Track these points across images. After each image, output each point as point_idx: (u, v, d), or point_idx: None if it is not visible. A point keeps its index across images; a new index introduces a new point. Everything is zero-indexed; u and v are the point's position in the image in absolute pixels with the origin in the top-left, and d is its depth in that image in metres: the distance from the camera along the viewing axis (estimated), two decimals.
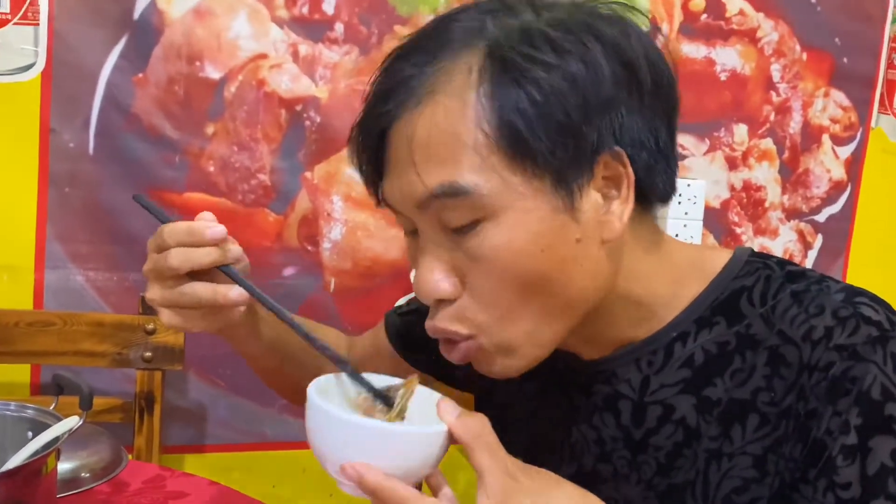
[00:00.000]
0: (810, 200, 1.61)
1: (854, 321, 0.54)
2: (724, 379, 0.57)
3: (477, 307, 0.55)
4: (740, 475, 0.56)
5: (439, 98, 0.53)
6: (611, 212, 0.55)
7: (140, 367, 1.17)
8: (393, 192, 0.56)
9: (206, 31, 1.27)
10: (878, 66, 1.60)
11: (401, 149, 0.54)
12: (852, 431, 0.52)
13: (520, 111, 0.52)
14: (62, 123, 1.23)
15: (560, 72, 0.52)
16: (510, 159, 0.52)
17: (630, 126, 0.54)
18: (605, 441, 0.63)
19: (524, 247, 0.53)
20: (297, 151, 1.33)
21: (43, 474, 0.70)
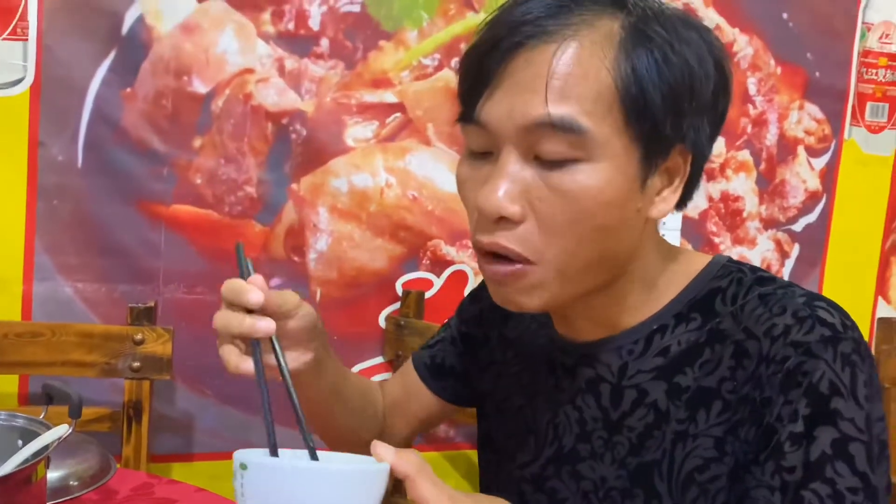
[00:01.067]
0: (787, 210, 1.65)
1: (811, 321, 0.59)
2: (693, 368, 0.63)
3: (541, 236, 0.59)
4: (702, 455, 0.61)
5: (582, 42, 0.58)
6: (663, 197, 0.62)
7: (128, 377, 1.19)
8: (499, 109, 0.58)
9: (194, 46, 1.29)
10: (848, 79, 1.64)
11: (529, 73, 0.57)
12: (800, 420, 0.57)
13: (650, 78, 0.58)
14: (51, 137, 1.25)
15: (684, 59, 0.59)
16: (626, 118, 0.58)
17: (704, 133, 0.62)
18: (587, 421, 0.68)
19: (606, 196, 0.59)
20: (284, 164, 1.36)
21: (33, 482, 0.71)
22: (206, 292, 1.33)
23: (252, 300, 0.63)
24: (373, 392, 0.87)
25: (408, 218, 1.41)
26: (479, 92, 0.60)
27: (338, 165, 1.38)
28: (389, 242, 1.42)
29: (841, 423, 0.57)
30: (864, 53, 1.63)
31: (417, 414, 0.87)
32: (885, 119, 1.67)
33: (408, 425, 0.88)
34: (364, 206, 1.39)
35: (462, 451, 1.50)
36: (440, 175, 1.42)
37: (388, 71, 1.38)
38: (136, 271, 1.30)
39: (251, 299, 0.63)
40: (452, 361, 0.86)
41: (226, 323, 0.64)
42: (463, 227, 1.43)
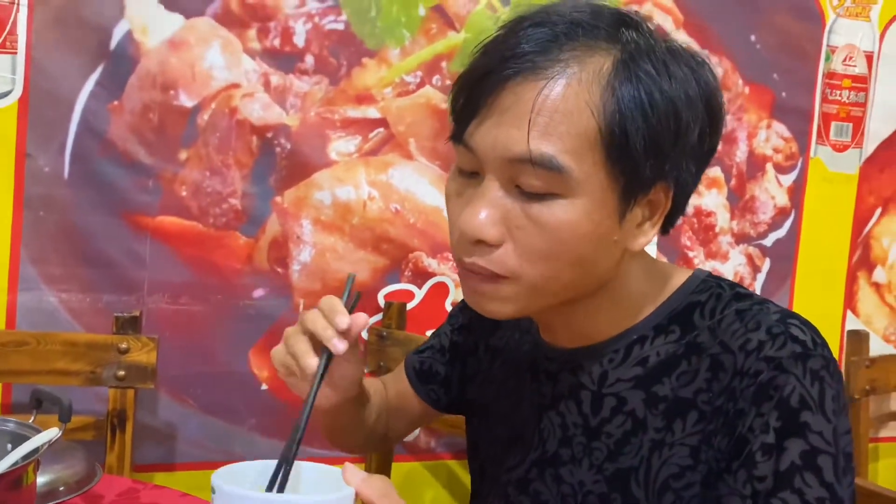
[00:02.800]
0: (757, 226, 1.70)
1: (783, 338, 0.61)
2: (671, 379, 0.65)
3: (518, 259, 0.61)
4: (678, 463, 0.64)
5: (570, 80, 0.59)
6: (642, 230, 0.64)
7: (113, 386, 1.19)
8: (485, 138, 0.61)
9: (181, 61, 1.32)
10: (813, 100, 1.70)
11: (515, 105, 0.59)
12: (771, 432, 0.59)
13: (633, 121, 0.59)
14: (38, 148, 1.26)
15: (671, 103, 0.60)
16: (606, 158, 0.59)
17: (688, 171, 0.63)
18: (569, 426, 0.70)
19: (582, 231, 0.61)
20: (268, 177, 1.38)
21: (23, 485, 0.72)
22: (191, 303, 1.35)
23: (341, 324, 0.66)
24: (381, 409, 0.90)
25: (390, 230, 1.44)
26: (468, 117, 0.62)
27: (321, 179, 1.41)
28: (372, 254, 1.44)
29: (810, 435, 0.59)
30: (829, 75, 1.70)
31: (411, 414, 0.91)
32: (849, 138, 1.73)
33: (404, 425, 0.93)
34: (347, 218, 1.42)
35: (442, 460, 1.51)
36: (422, 189, 1.45)
37: (371, 87, 1.42)
38: (121, 282, 1.31)
39: (340, 322, 0.66)
40: (438, 368, 0.89)
41: (314, 319, 0.67)
42: (444, 240, 1.46)
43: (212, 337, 1.37)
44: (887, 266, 1.81)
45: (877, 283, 1.80)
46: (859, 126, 1.73)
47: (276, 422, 1.40)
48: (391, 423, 0.91)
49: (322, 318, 0.67)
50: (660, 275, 0.69)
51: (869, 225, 1.79)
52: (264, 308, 1.39)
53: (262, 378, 1.40)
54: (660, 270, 0.70)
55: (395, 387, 0.93)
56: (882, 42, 1.72)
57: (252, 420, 1.40)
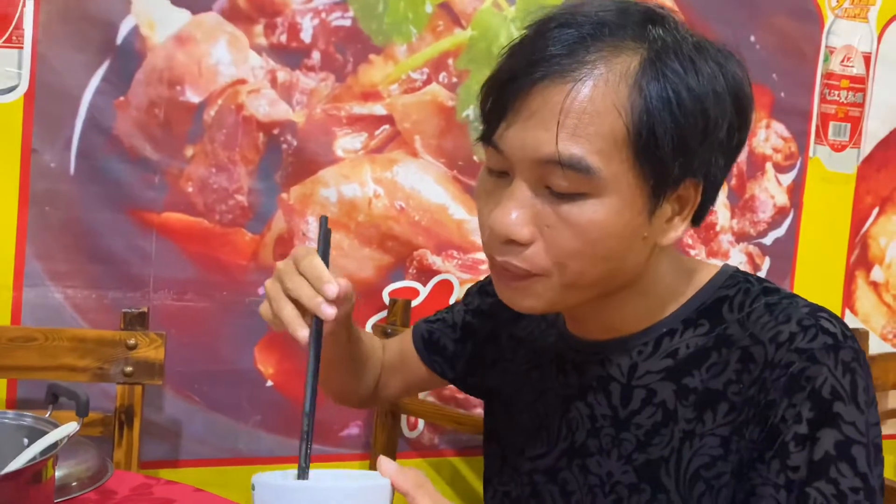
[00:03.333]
0: (757, 224, 1.71)
1: (814, 330, 0.62)
2: (701, 371, 0.66)
3: (548, 257, 0.62)
4: (709, 453, 0.64)
5: (597, 82, 0.59)
6: (672, 225, 0.65)
7: (120, 382, 1.19)
8: (513, 140, 0.61)
9: (187, 56, 1.32)
10: (812, 100, 1.72)
11: (543, 109, 0.60)
12: (804, 422, 0.60)
13: (661, 121, 0.59)
14: (44, 144, 1.26)
15: (699, 100, 0.60)
16: (634, 157, 0.60)
17: (717, 165, 0.63)
18: (597, 418, 0.70)
19: (612, 229, 0.61)
20: (274, 173, 1.38)
21: (42, 480, 0.71)
22: (196, 299, 1.35)
23: (329, 292, 0.64)
24: (376, 355, 0.92)
25: (395, 228, 1.44)
26: (497, 119, 0.62)
27: (327, 176, 1.41)
28: (377, 252, 1.44)
29: (843, 426, 0.60)
30: (827, 76, 1.71)
31: (409, 377, 0.92)
32: (847, 138, 1.75)
33: (399, 386, 0.94)
34: (352, 215, 1.42)
35: (446, 458, 1.52)
36: (427, 186, 1.46)
37: (377, 84, 1.42)
38: (127, 278, 1.31)
39: (328, 291, 0.64)
40: (446, 342, 0.90)
41: (296, 287, 0.65)
42: (448, 238, 1.47)
43: (217, 334, 1.36)
44: (885, 265, 1.83)
45: (875, 282, 1.82)
46: (857, 126, 1.75)
47: (282, 418, 1.40)
48: (384, 380, 0.92)
49: (307, 287, 0.65)
50: (688, 270, 0.70)
51: (867, 224, 1.81)
52: None
53: (268, 375, 1.40)
54: (688, 265, 0.70)
55: (397, 347, 0.93)
56: (880, 43, 1.73)
57: (257, 416, 1.39)
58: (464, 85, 1.46)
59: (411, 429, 1.49)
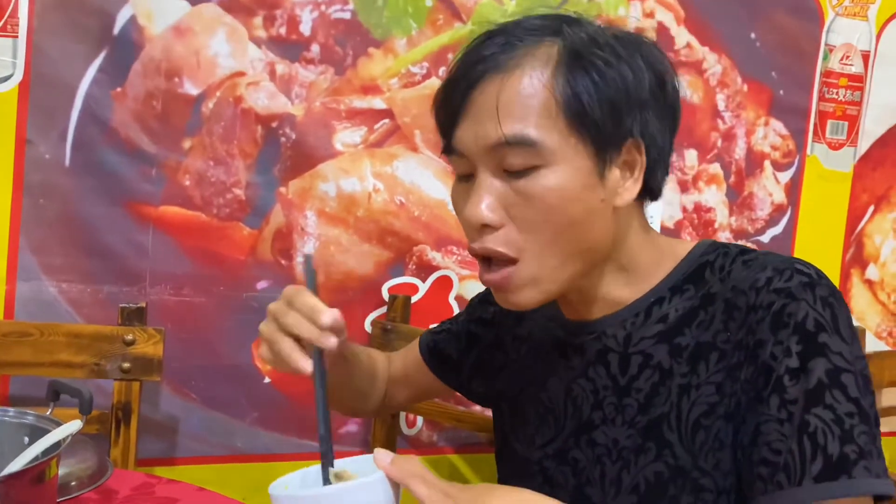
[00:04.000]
0: (755, 222, 1.71)
1: (789, 272, 0.66)
2: (691, 329, 0.71)
3: (520, 235, 0.68)
4: (706, 401, 0.68)
5: (524, 71, 0.67)
6: (625, 187, 0.70)
7: (118, 378, 1.17)
8: (467, 136, 0.69)
9: (186, 48, 1.29)
10: (811, 98, 1.72)
11: (485, 103, 0.67)
12: (794, 356, 0.64)
13: (585, 89, 0.67)
14: (39, 135, 1.23)
15: (616, 70, 0.68)
16: (570, 125, 0.67)
17: (651, 125, 0.70)
18: (599, 390, 0.74)
19: (568, 192, 0.67)
20: (273, 167, 1.36)
21: (46, 479, 0.70)
22: (193, 294, 1.33)
23: (325, 321, 0.68)
24: (379, 369, 0.96)
25: (394, 223, 1.43)
26: (451, 124, 0.70)
27: (326, 170, 1.39)
28: (376, 247, 1.43)
29: (831, 355, 0.63)
30: (826, 74, 1.71)
31: (416, 387, 0.97)
32: (845, 136, 1.75)
33: (406, 396, 0.99)
34: (352, 210, 1.40)
35: (445, 455, 1.51)
36: (426, 181, 1.44)
37: (377, 78, 1.40)
38: (123, 272, 1.29)
39: (324, 320, 0.68)
40: (450, 352, 0.94)
41: (294, 323, 0.69)
42: (448, 234, 1.46)
43: (214, 329, 1.34)
44: (879, 263, 1.83)
45: (869, 280, 1.82)
46: (854, 125, 1.75)
47: (279, 415, 1.38)
48: (392, 391, 0.97)
49: (305, 321, 0.69)
50: (667, 245, 0.75)
51: (862, 223, 1.81)
52: (268, 300, 1.29)
53: (265, 371, 1.38)
54: (667, 242, 0.76)
55: (403, 359, 0.98)
56: (878, 42, 1.74)
57: (254, 414, 1.38)
58: None
59: (410, 426, 1.48)
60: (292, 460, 1.39)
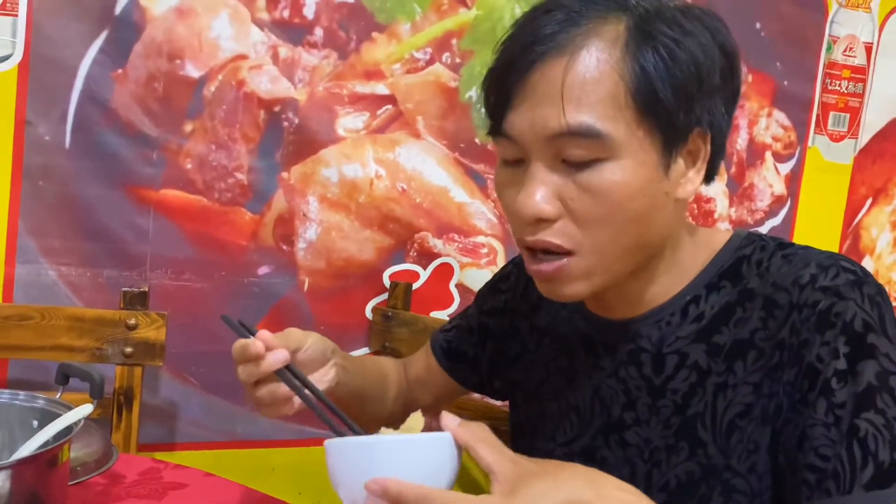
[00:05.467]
0: (755, 213, 1.72)
1: (835, 269, 0.64)
2: (728, 326, 0.67)
3: (577, 229, 0.64)
4: (742, 401, 0.65)
5: (590, 52, 0.62)
6: (688, 178, 0.66)
7: (119, 363, 1.16)
8: (522, 122, 0.63)
9: (188, 29, 1.28)
10: (814, 89, 1.72)
11: (545, 87, 0.62)
12: (842, 358, 0.61)
13: (657, 73, 0.62)
14: (38, 116, 1.22)
15: (687, 50, 0.63)
16: (639, 114, 0.62)
17: (718, 112, 0.65)
18: (631, 391, 0.71)
19: (633, 187, 0.63)
20: (275, 152, 1.35)
21: (59, 463, 0.70)
22: (194, 279, 1.32)
23: (253, 351, 0.70)
24: (387, 377, 0.92)
25: (396, 210, 1.42)
26: (503, 107, 0.64)
27: (329, 155, 1.38)
28: (378, 234, 1.42)
29: (880, 357, 0.60)
30: (830, 65, 1.71)
31: (438, 389, 0.94)
32: (846, 129, 1.75)
33: (429, 398, 0.94)
34: (353, 196, 1.39)
35: None
36: (428, 168, 1.43)
37: (380, 63, 1.39)
38: (123, 256, 1.28)
39: (252, 350, 0.71)
40: (465, 348, 0.90)
41: (247, 373, 0.72)
42: (450, 221, 1.45)
43: (215, 314, 1.32)
44: (875, 255, 1.84)
45: None
46: (856, 117, 1.75)
47: None
48: (414, 395, 0.94)
49: (245, 365, 0.72)
50: (703, 237, 0.72)
51: (860, 215, 1.82)
52: (269, 286, 1.36)
53: None
54: (703, 233, 0.72)
55: (423, 360, 0.95)
56: (881, 33, 1.73)
57: None
58: (467, 66, 1.43)
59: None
60: (292, 446, 1.39)
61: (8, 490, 0.65)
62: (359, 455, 0.57)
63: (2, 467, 0.65)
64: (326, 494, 1.61)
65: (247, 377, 0.72)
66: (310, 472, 1.40)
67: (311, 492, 1.41)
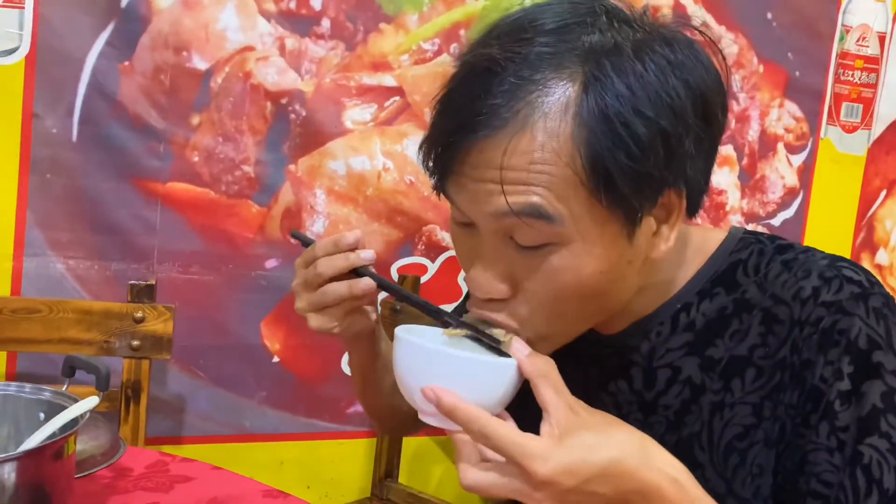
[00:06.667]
0: (767, 205, 1.70)
1: (838, 281, 0.59)
2: (723, 339, 0.63)
3: (528, 309, 0.60)
4: (741, 423, 0.62)
5: (535, 130, 0.55)
6: (660, 234, 0.60)
7: (127, 356, 1.16)
8: (464, 195, 0.58)
9: (194, 21, 1.27)
10: (826, 80, 1.70)
11: (485, 167, 0.56)
12: (846, 378, 0.58)
13: (612, 156, 0.54)
14: (45, 109, 1.21)
15: (652, 123, 0.54)
16: (594, 194, 0.55)
17: (693, 166, 0.58)
18: (622, 405, 0.68)
19: (588, 271, 0.58)
20: (282, 144, 1.34)
21: (64, 456, 0.70)
22: (202, 272, 1.32)
23: (350, 240, 0.69)
24: None
25: (404, 203, 1.41)
26: (443, 172, 0.59)
27: (336, 147, 1.37)
28: (386, 227, 1.41)
29: (886, 375, 0.58)
30: (842, 55, 1.69)
31: None
32: (859, 119, 1.73)
33: None
34: (361, 189, 1.39)
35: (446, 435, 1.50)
36: None
37: (387, 54, 1.38)
38: (131, 249, 1.27)
39: (349, 239, 0.69)
40: None
41: (331, 264, 0.68)
42: None
43: (223, 308, 1.33)
44: (889, 248, 1.82)
45: (879, 265, 1.81)
46: (869, 107, 1.73)
47: (288, 395, 1.37)
48: None
49: (334, 257, 0.68)
50: (694, 239, 0.66)
51: (874, 207, 1.80)
52: (277, 279, 1.36)
53: (274, 350, 1.37)
54: (693, 235, 0.66)
55: None
56: (895, 23, 1.71)
57: (262, 393, 1.37)
58: None
59: None
60: (300, 440, 1.38)
61: (13, 482, 0.65)
62: (424, 359, 0.57)
63: (7, 459, 0.64)
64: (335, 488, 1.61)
65: (328, 268, 0.68)
66: (318, 465, 1.39)
67: (320, 485, 1.40)
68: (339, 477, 1.41)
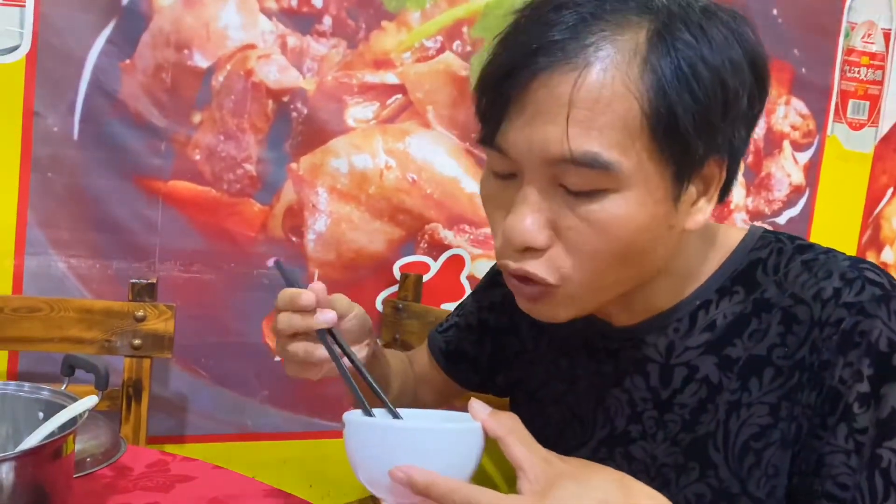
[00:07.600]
0: (772, 203, 1.69)
1: (860, 282, 0.59)
2: (742, 339, 0.62)
3: (569, 261, 0.58)
4: (757, 423, 0.61)
5: (604, 67, 0.54)
6: (699, 207, 0.60)
7: (128, 355, 1.16)
8: (519, 140, 0.56)
9: (195, 19, 1.27)
10: (832, 77, 1.69)
11: (549, 103, 0.54)
12: (865, 380, 0.57)
13: (679, 99, 0.54)
14: (46, 107, 1.21)
15: (716, 73, 0.55)
16: (653, 143, 0.55)
17: (740, 137, 0.59)
18: (636, 402, 0.67)
19: (637, 223, 0.57)
20: (284, 142, 1.34)
21: (63, 455, 0.69)
22: (204, 271, 1.31)
23: (304, 302, 0.65)
24: (408, 373, 0.89)
25: (406, 201, 1.41)
26: (497, 118, 0.57)
27: (338, 145, 1.37)
28: (388, 225, 1.41)
29: None
30: (848, 52, 1.68)
31: (440, 387, 0.90)
32: (866, 116, 1.72)
33: (433, 396, 0.90)
34: (363, 187, 1.38)
35: None
36: (439, 158, 1.42)
37: (389, 52, 1.37)
38: (132, 248, 1.27)
39: (303, 301, 0.65)
40: (464, 347, 0.87)
41: (288, 322, 0.66)
42: (461, 212, 1.43)
43: (225, 306, 1.33)
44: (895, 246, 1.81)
45: (885, 263, 1.80)
46: (876, 104, 1.72)
47: (289, 394, 1.37)
48: (419, 394, 0.90)
49: (293, 315, 0.66)
50: (715, 236, 0.66)
51: (881, 205, 1.78)
52: (279, 277, 1.33)
53: (276, 349, 1.36)
54: (714, 232, 0.66)
55: (426, 358, 0.91)
56: None
57: (264, 392, 1.37)
58: (478, 54, 1.41)
59: None
60: (302, 439, 1.38)
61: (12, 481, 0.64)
62: (383, 438, 0.54)
63: (6, 458, 0.64)
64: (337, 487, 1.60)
65: (286, 327, 0.66)
66: (320, 464, 1.39)
67: (322, 484, 1.40)
68: (342, 476, 1.40)
